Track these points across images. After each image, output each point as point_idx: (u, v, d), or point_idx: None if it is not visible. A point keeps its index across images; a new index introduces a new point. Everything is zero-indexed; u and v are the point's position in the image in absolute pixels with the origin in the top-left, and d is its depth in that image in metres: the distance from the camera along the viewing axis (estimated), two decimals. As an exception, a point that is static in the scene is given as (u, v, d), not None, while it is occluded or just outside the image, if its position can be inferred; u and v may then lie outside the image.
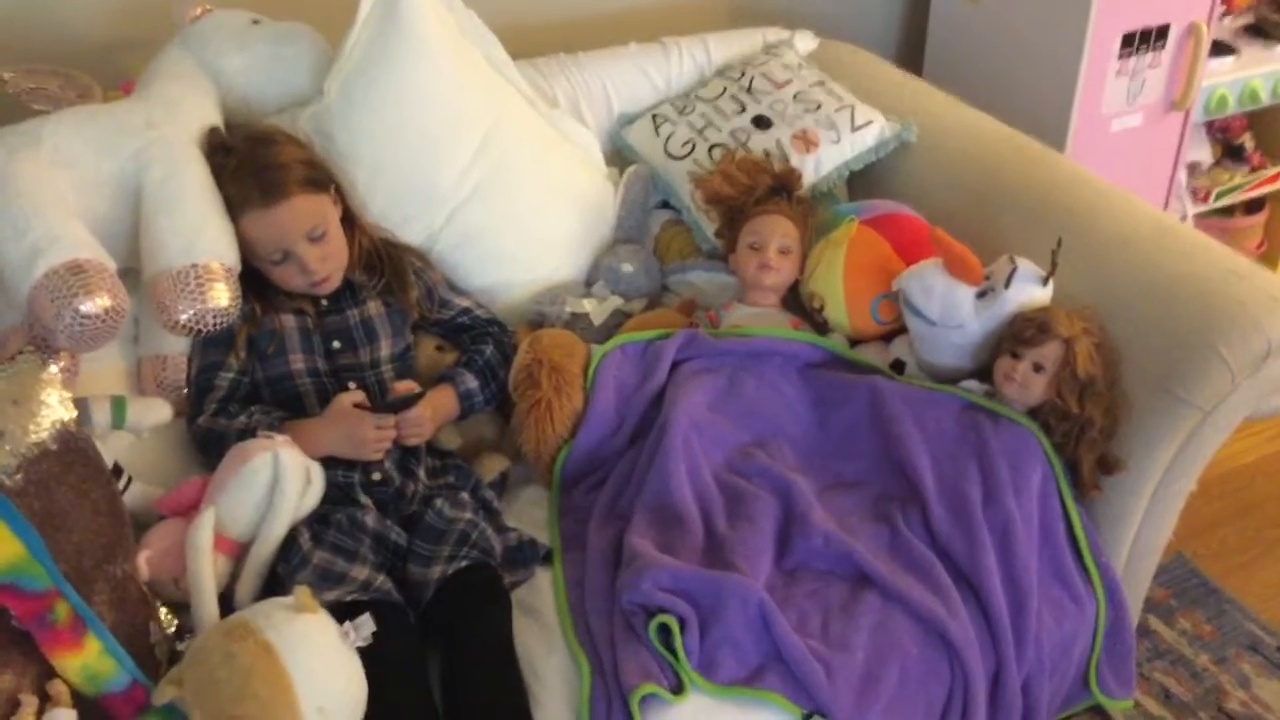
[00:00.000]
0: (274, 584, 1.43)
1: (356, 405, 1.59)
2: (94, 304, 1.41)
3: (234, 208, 1.62)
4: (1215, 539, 2.36)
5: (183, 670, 1.22)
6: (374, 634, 1.26)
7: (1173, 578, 2.26)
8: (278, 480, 1.44)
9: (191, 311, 1.53)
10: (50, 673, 1.22)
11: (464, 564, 1.46)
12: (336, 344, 1.69)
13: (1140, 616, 2.10)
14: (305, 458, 1.49)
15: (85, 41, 1.98)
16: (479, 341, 1.80)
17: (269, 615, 1.24)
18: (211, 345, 1.65)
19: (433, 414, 1.65)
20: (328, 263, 1.66)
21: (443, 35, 1.87)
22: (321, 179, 1.69)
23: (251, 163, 1.64)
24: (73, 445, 1.31)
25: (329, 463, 1.55)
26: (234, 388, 1.66)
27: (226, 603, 1.40)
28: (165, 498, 1.50)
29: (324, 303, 1.71)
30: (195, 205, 1.60)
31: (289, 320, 1.68)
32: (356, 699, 1.26)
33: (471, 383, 1.73)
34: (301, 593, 1.25)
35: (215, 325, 1.56)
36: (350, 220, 1.73)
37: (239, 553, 1.45)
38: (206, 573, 1.37)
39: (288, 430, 1.55)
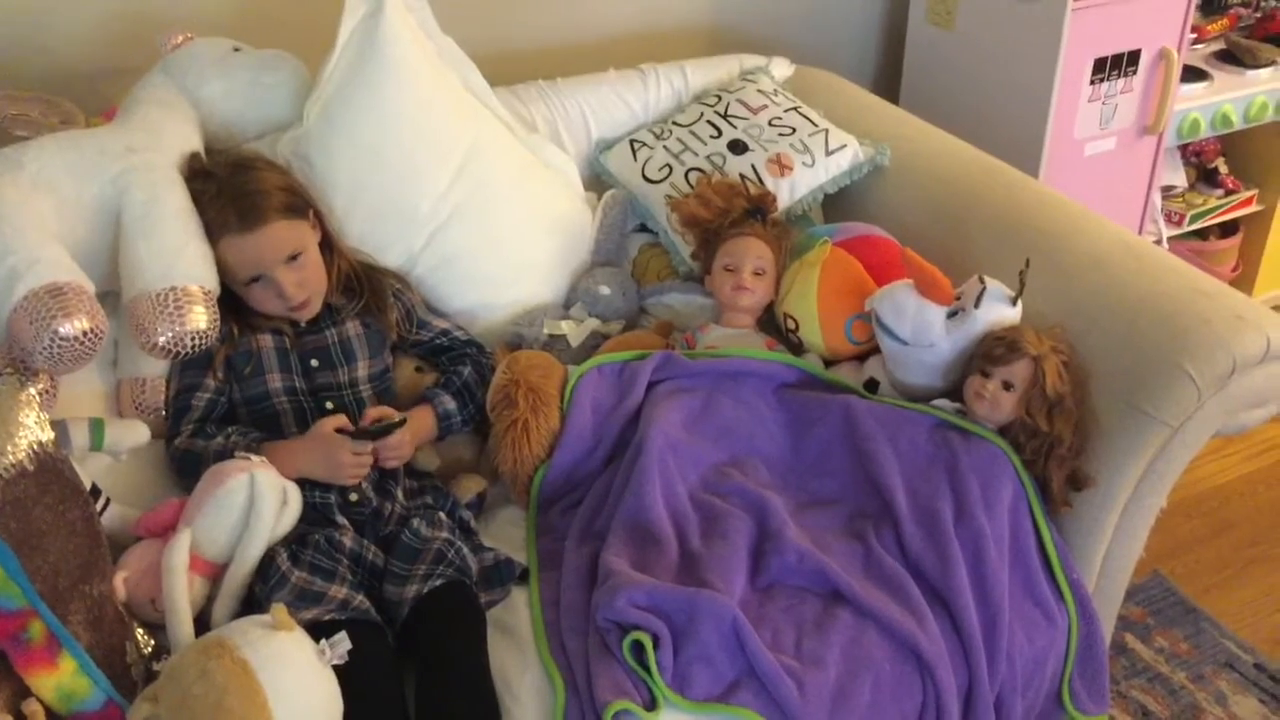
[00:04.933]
0: (252, 604, 1.44)
1: (338, 430, 1.60)
2: (72, 326, 1.42)
3: (213, 233, 1.64)
4: (1192, 558, 2.38)
5: (158, 688, 1.22)
6: (351, 653, 1.27)
7: (1150, 596, 2.27)
8: (254, 501, 1.45)
9: (170, 334, 1.54)
10: (25, 691, 1.22)
11: (439, 582, 1.46)
12: (314, 363, 1.70)
13: (1117, 634, 2.12)
14: (282, 479, 1.50)
15: (67, 69, 2.00)
16: (457, 363, 1.82)
17: (245, 633, 1.25)
18: (190, 367, 1.66)
19: (411, 436, 1.66)
20: (304, 288, 1.68)
21: (420, 61, 1.89)
22: (300, 205, 1.70)
23: (231, 189, 1.65)
24: (50, 466, 1.32)
25: (306, 484, 1.56)
26: (211, 408, 1.67)
27: (204, 624, 1.40)
28: (142, 519, 1.50)
29: (302, 324, 1.73)
30: (175, 229, 1.61)
31: (267, 340, 1.70)
32: (332, 717, 1.27)
33: (450, 403, 1.74)
34: (278, 610, 1.26)
35: (194, 348, 1.57)
36: (329, 244, 1.75)
37: (216, 574, 1.46)
38: (182, 593, 1.37)
39: (265, 451, 1.56)
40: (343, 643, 1.26)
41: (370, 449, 1.59)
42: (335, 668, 1.27)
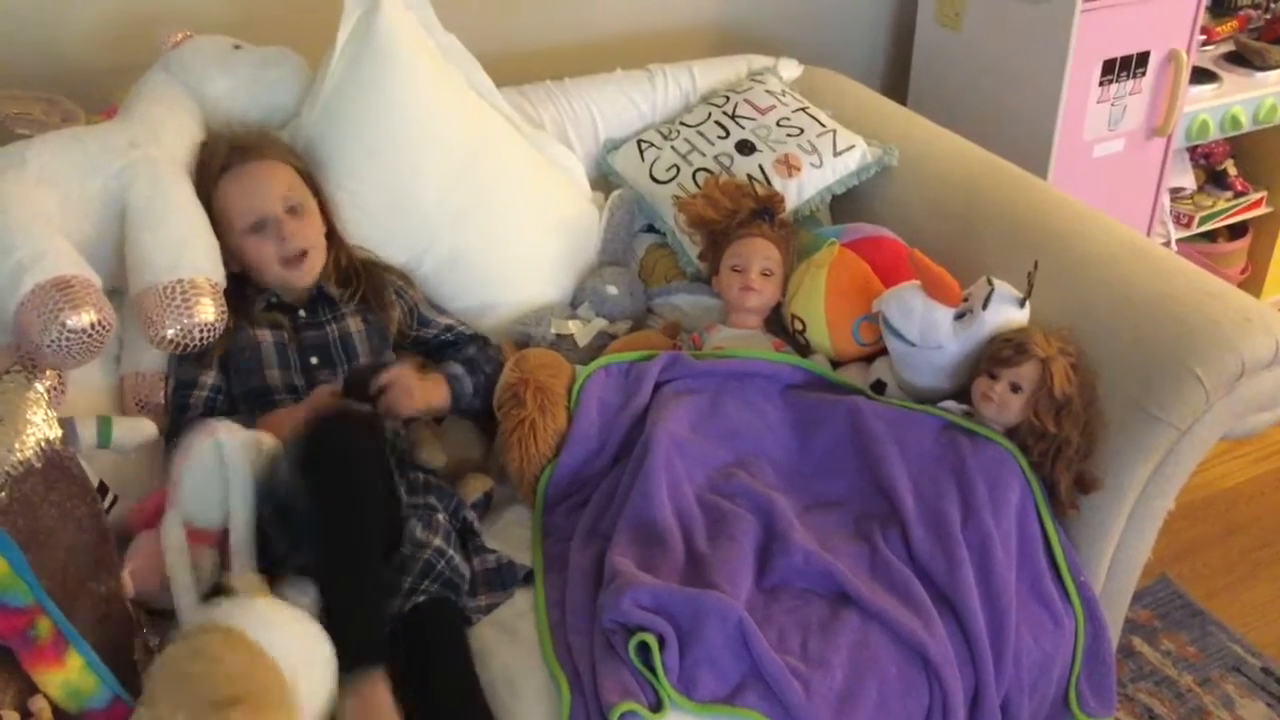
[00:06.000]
0: (270, 562, 1.43)
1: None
2: (80, 319, 1.43)
3: (217, 178, 1.68)
4: (1199, 561, 2.38)
5: (153, 690, 1.20)
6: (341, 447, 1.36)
7: (1157, 599, 2.27)
8: (225, 460, 1.43)
9: (178, 326, 1.55)
10: (32, 689, 1.22)
11: (421, 599, 1.43)
12: (314, 360, 1.70)
13: (1124, 637, 2.11)
14: (250, 431, 1.48)
15: (67, 67, 2.00)
16: (462, 350, 1.82)
17: (219, 607, 1.26)
18: (185, 361, 1.66)
19: (421, 393, 1.65)
20: (303, 238, 1.69)
21: (421, 58, 1.88)
22: (304, 170, 1.76)
23: (240, 140, 1.73)
24: (57, 463, 1.32)
25: None
26: (210, 406, 1.67)
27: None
28: (133, 515, 1.50)
29: (301, 314, 1.73)
30: (180, 221, 1.62)
31: (265, 334, 1.70)
32: (327, 658, 1.29)
33: (457, 369, 1.74)
34: (247, 580, 1.27)
35: (202, 340, 1.58)
36: (332, 235, 1.77)
37: (220, 540, 1.45)
38: (183, 569, 1.38)
39: (262, 422, 1.57)
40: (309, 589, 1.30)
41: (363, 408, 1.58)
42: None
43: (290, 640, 1.25)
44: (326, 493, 1.37)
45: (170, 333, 1.55)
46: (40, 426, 1.32)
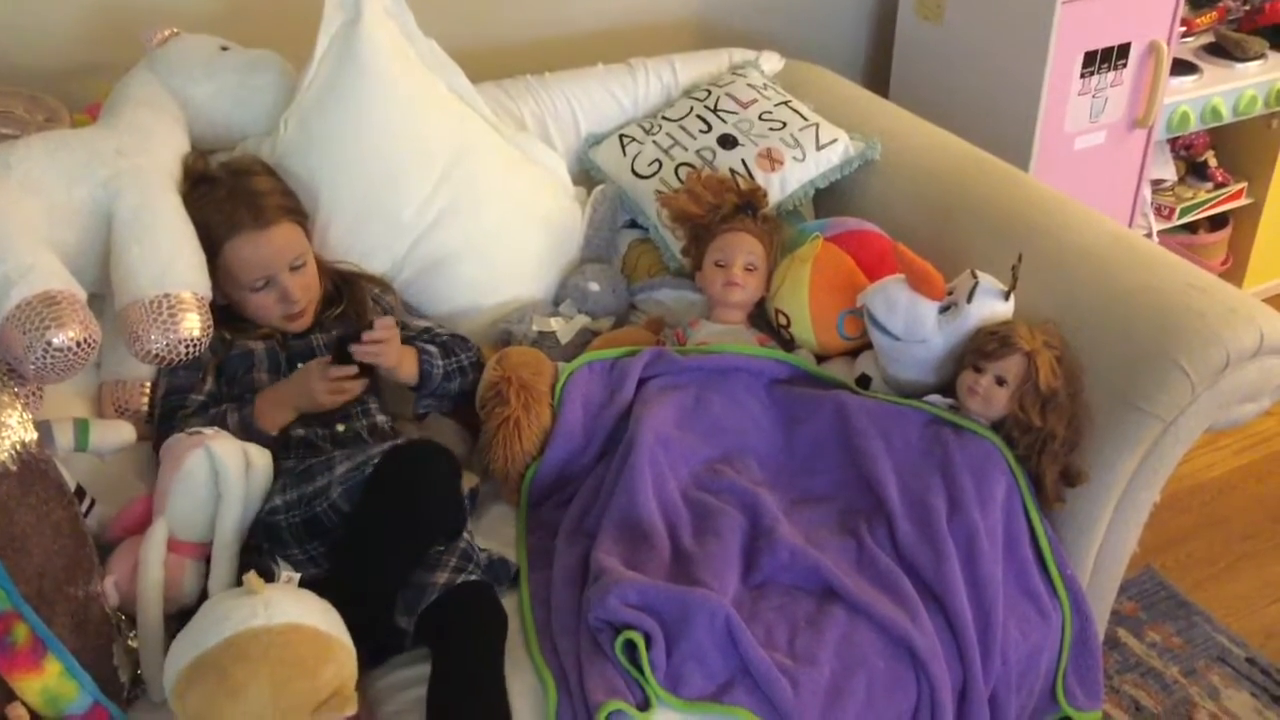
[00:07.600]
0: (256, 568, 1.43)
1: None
2: (65, 336, 1.41)
3: (223, 233, 1.65)
4: (1184, 552, 2.38)
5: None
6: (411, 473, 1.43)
7: (1142, 590, 2.27)
8: (217, 472, 1.43)
9: (164, 341, 1.54)
10: (10, 695, 1.21)
11: (472, 578, 1.45)
12: (300, 365, 1.69)
13: (1110, 629, 2.11)
14: (240, 442, 1.48)
15: (50, 63, 1.98)
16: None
17: (258, 609, 1.23)
18: (180, 372, 1.65)
19: (398, 348, 1.65)
20: (307, 293, 1.70)
21: (402, 68, 1.87)
22: (299, 211, 1.74)
23: (241, 191, 1.68)
24: (33, 467, 1.31)
25: (297, 423, 1.61)
26: (203, 412, 1.65)
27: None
28: (117, 520, 1.48)
29: (290, 336, 1.73)
30: (168, 235, 1.60)
31: (258, 345, 1.70)
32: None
33: (429, 348, 1.72)
34: (250, 578, 1.26)
35: (187, 355, 1.57)
36: (318, 262, 1.76)
37: (205, 553, 1.45)
38: (152, 585, 1.37)
39: (256, 405, 1.60)
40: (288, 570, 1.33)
41: (352, 371, 1.59)
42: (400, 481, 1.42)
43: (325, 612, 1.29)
44: (395, 516, 1.42)
45: (156, 347, 1.54)
46: (15, 429, 1.30)
